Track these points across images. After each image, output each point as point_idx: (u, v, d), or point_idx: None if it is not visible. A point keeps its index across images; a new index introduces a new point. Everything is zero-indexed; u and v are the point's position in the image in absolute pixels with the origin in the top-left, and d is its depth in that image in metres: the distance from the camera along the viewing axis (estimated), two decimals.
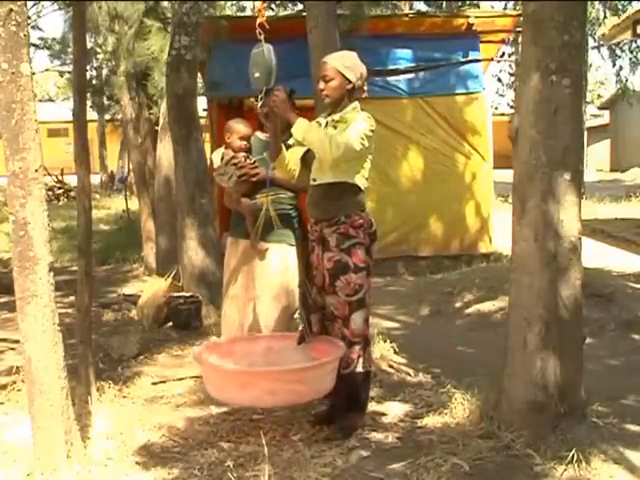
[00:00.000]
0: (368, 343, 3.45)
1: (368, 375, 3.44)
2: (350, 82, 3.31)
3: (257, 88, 3.74)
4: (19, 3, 2.58)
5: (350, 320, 3.29)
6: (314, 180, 3.36)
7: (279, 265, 3.81)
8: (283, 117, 3.31)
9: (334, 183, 3.28)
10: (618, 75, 20.57)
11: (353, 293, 3.27)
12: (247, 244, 3.88)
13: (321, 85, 3.34)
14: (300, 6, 10.20)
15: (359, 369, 3.33)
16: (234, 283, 3.96)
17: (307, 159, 3.44)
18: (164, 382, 4.18)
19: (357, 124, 3.23)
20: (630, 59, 19.54)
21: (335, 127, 3.28)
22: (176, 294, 5.68)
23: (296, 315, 4.21)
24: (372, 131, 3.28)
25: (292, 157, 3.50)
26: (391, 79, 7.90)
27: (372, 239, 3.35)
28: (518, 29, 8.04)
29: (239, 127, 3.90)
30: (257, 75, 3.66)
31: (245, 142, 3.87)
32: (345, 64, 3.31)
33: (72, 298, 5.65)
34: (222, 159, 3.90)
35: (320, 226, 3.35)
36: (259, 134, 3.93)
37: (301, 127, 3.23)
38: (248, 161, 3.77)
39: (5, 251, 9.80)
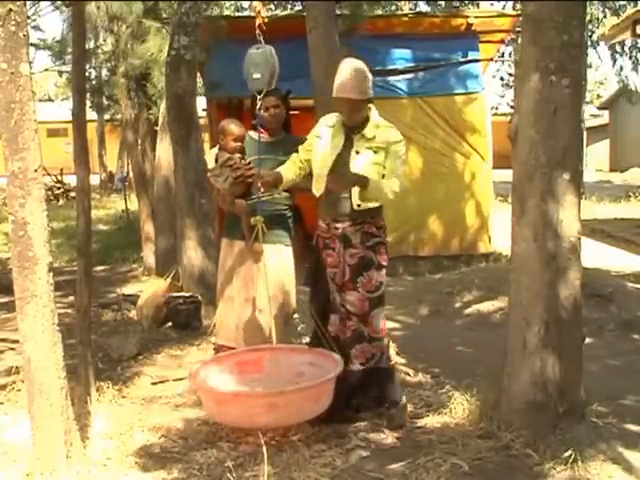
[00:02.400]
0: (388, 340, 3.52)
1: (393, 368, 3.52)
2: (368, 100, 3.36)
3: (256, 89, 3.74)
4: (18, 3, 2.58)
5: (370, 317, 3.35)
6: (358, 206, 3.35)
7: (274, 266, 3.81)
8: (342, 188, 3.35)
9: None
10: (619, 75, 20.56)
11: (374, 290, 3.34)
12: (242, 245, 3.87)
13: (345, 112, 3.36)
14: (300, 6, 10.21)
15: (384, 364, 3.39)
16: (229, 284, 3.95)
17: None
18: (163, 382, 4.18)
19: (400, 156, 3.36)
20: (630, 58, 19.52)
21: (375, 152, 3.31)
22: (175, 294, 5.68)
23: (296, 315, 4.22)
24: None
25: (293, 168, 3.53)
26: (391, 79, 7.90)
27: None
28: (517, 29, 8.04)
29: (232, 128, 3.87)
30: (257, 76, 3.66)
31: (239, 143, 3.86)
32: (361, 89, 3.31)
33: (71, 298, 5.65)
34: (216, 160, 3.89)
35: (342, 224, 3.37)
36: (252, 133, 3.91)
37: (369, 192, 3.24)
38: (243, 162, 3.76)
39: (4, 251, 9.81)
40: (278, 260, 3.83)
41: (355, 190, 3.28)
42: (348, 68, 3.32)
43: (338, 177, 3.29)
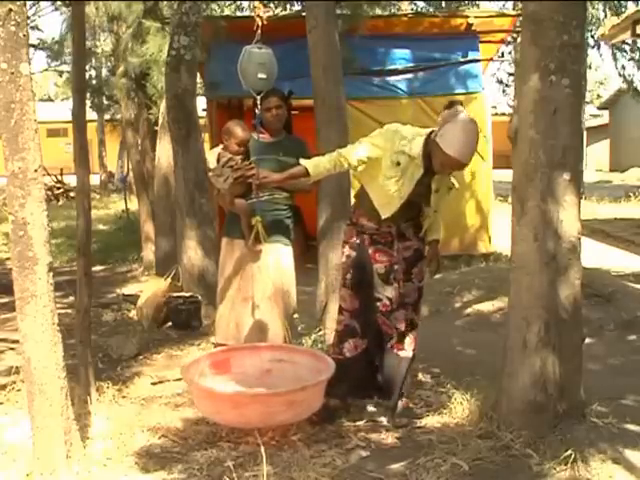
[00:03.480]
0: None
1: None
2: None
3: (259, 89, 3.75)
4: (18, 3, 2.58)
5: (419, 305, 3.56)
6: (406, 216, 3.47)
7: (274, 265, 3.81)
8: None
9: None
10: (622, 74, 20.55)
11: (422, 279, 3.54)
12: (242, 244, 3.88)
13: None
14: (300, 6, 10.21)
15: (411, 354, 3.55)
16: (229, 283, 3.95)
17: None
18: (163, 382, 4.18)
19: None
20: (632, 58, 19.52)
21: (450, 188, 3.60)
22: (175, 294, 5.68)
23: (296, 315, 4.22)
24: None
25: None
26: (390, 79, 7.89)
27: None
28: (517, 29, 8.04)
29: (237, 131, 3.85)
30: (263, 76, 3.67)
31: (243, 147, 3.85)
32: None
33: (71, 298, 5.64)
34: (218, 160, 3.89)
35: (396, 222, 3.45)
36: (253, 134, 3.91)
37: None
38: (245, 163, 3.76)
39: (4, 251, 9.81)
40: (277, 260, 3.83)
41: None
42: (472, 131, 3.22)
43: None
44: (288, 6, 11.57)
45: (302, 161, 3.33)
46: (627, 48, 19.08)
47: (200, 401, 3.32)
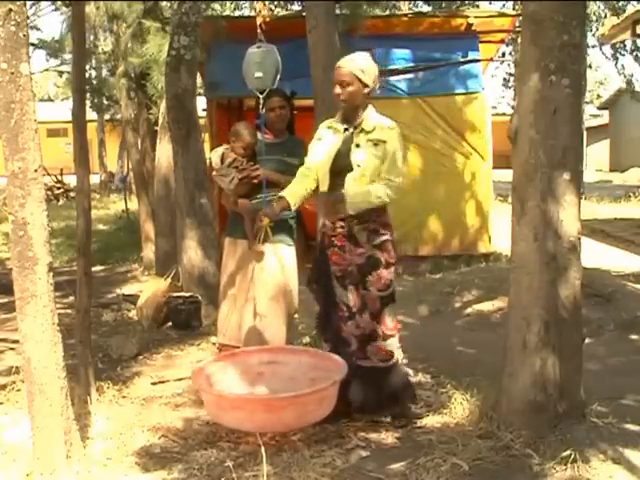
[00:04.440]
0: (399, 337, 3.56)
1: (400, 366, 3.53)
2: (367, 86, 3.32)
3: (257, 88, 3.74)
4: (18, 3, 2.58)
5: (383, 314, 3.39)
6: (342, 185, 3.36)
7: (276, 266, 3.81)
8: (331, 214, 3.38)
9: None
10: (621, 74, 20.57)
11: (385, 288, 3.37)
12: (245, 244, 3.88)
13: (337, 90, 3.33)
14: (300, 6, 10.21)
15: (401, 360, 3.46)
16: (232, 284, 3.95)
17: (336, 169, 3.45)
18: (163, 382, 4.18)
19: (399, 152, 3.32)
20: (634, 57, 19.53)
21: (376, 144, 3.31)
22: (175, 294, 5.68)
23: (296, 315, 4.22)
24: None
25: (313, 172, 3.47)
26: (391, 79, 7.89)
27: None
28: (517, 29, 8.04)
29: (245, 135, 3.84)
30: (258, 75, 3.65)
31: (248, 151, 3.85)
32: (361, 68, 3.30)
33: (71, 298, 5.65)
34: (222, 160, 3.89)
35: (348, 223, 3.37)
36: (257, 135, 3.92)
37: (350, 204, 3.26)
38: (250, 164, 3.77)
39: (4, 251, 9.81)
40: (280, 260, 3.83)
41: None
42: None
43: (328, 203, 3.35)
44: (289, 6, 11.58)
45: (282, 194, 3.44)
46: (627, 48, 19.11)
47: (227, 412, 3.17)
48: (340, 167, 3.37)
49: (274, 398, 3.28)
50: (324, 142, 3.45)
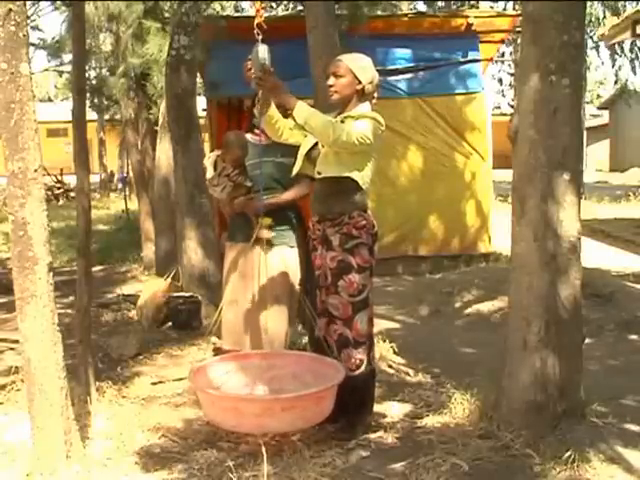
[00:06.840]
0: (372, 343, 3.45)
1: (373, 374, 3.43)
2: (360, 82, 3.30)
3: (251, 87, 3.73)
4: (18, 3, 2.58)
5: (354, 321, 3.27)
6: (319, 173, 3.33)
7: (279, 268, 3.80)
8: (281, 101, 3.20)
9: (338, 179, 3.24)
10: (616, 75, 20.58)
11: (357, 293, 3.27)
12: (245, 248, 3.87)
13: (330, 81, 3.32)
14: (300, 6, 10.20)
15: (364, 370, 3.31)
16: (234, 287, 3.94)
17: (312, 155, 3.41)
18: (163, 382, 4.18)
19: (366, 120, 3.21)
20: (631, 59, 19.54)
21: (343, 121, 3.24)
22: (175, 294, 5.68)
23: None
24: (381, 130, 3.25)
25: (286, 129, 3.39)
26: (390, 79, 7.88)
27: (374, 240, 3.34)
28: (517, 29, 8.04)
29: (235, 149, 3.81)
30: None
31: (237, 163, 3.82)
32: (358, 64, 3.31)
33: (71, 298, 5.65)
34: (215, 167, 3.87)
35: (323, 225, 3.34)
36: (249, 137, 3.89)
37: (303, 111, 3.11)
38: (239, 177, 3.76)
39: (4, 251, 9.81)
40: (283, 261, 3.82)
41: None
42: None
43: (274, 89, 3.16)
44: (289, 6, 11.58)
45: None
46: (625, 49, 19.11)
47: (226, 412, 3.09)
48: (317, 155, 3.35)
49: (274, 399, 3.27)
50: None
